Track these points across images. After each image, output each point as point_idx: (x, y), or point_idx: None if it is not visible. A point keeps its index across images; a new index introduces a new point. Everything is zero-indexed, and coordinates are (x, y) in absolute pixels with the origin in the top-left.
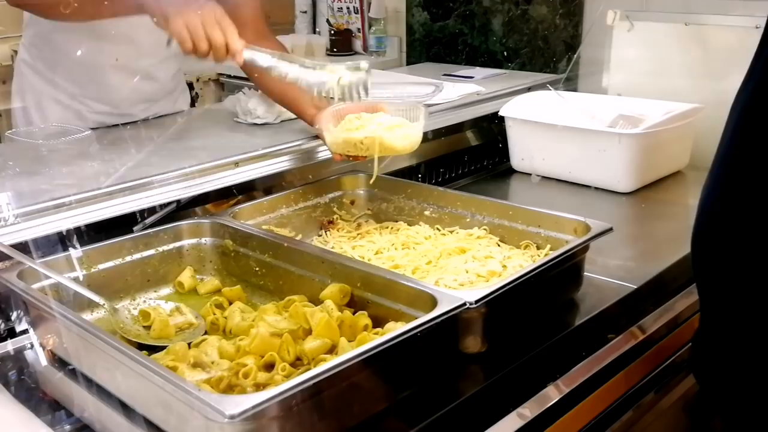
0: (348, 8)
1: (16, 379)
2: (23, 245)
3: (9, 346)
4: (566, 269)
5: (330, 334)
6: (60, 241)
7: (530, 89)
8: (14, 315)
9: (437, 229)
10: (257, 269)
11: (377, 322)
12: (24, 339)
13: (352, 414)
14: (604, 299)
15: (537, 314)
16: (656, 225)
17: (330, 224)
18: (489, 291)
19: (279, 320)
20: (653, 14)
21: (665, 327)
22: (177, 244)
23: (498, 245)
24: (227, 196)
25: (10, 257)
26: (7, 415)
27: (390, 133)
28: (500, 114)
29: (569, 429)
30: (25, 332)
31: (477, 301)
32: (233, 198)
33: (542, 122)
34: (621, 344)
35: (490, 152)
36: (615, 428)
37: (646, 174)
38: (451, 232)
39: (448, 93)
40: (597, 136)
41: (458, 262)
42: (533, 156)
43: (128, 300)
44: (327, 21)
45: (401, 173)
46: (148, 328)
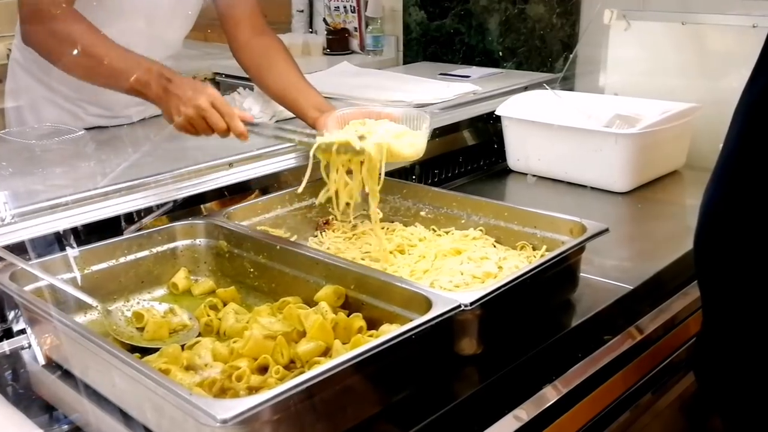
0: (345, 7)
1: (10, 382)
2: (16, 246)
3: (2, 348)
4: (562, 270)
5: (324, 337)
6: (53, 242)
7: (527, 88)
8: (7, 317)
9: (433, 230)
10: (252, 270)
11: (372, 324)
12: (17, 341)
13: (346, 417)
14: (601, 300)
15: (533, 316)
16: (653, 225)
17: (326, 225)
18: (484, 293)
19: (273, 322)
20: (650, 13)
21: (662, 327)
22: (171, 245)
23: (494, 246)
24: (222, 197)
25: (2, 258)
26: (0, 418)
27: (398, 141)
28: (496, 113)
29: (566, 431)
30: (18, 334)
31: (472, 303)
32: (228, 198)
33: (539, 122)
34: (618, 345)
35: (487, 152)
36: (612, 429)
37: (643, 174)
38: (447, 233)
39: (444, 92)
40: (593, 136)
41: (454, 264)
42: (529, 156)
43: (122, 301)
44: (324, 20)
45: (397, 173)
46: (142, 330)
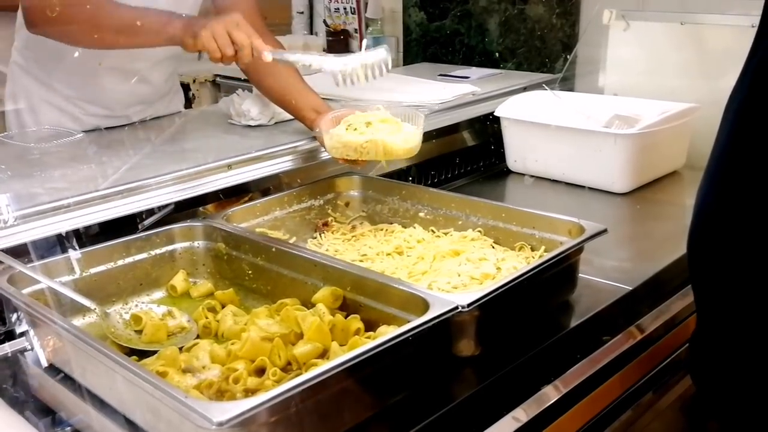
0: (345, 9)
1: (8, 385)
2: (15, 249)
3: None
4: (561, 271)
5: (321, 339)
6: (52, 245)
7: (526, 89)
8: (5, 320)
9: (432, 231)
10: (250, 272)
11: (369, 326)
12: (16, 344)
13: (344, 419)
14: (600, 301)
15: (531, 317)
16: (652, 226)
17: (324, 226)
18: (482, 294)
19: (270, 324)
20: (649, 14)
21: (662, 328)
22: (170, 248)
23: (492, 247)
24: (220, 199)
25: (1, 261)
26: (0, 422)
27: (392, 137)
28: (495, 114)
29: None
30: (17, 337)
31: (469, 305)
32: (226, 201)
33: (538, 122)
34: (617, 346)
35: (486, 153)
36: (614, 428)
37: (642, 174)
38: (446, 234)
39: (443, 93)
40: (593, 137)
41: (452, 265)
42: (528, 156)
43: (120, 304)
44: (324, 22)
45: (396, 174)
46: (140, 333)
